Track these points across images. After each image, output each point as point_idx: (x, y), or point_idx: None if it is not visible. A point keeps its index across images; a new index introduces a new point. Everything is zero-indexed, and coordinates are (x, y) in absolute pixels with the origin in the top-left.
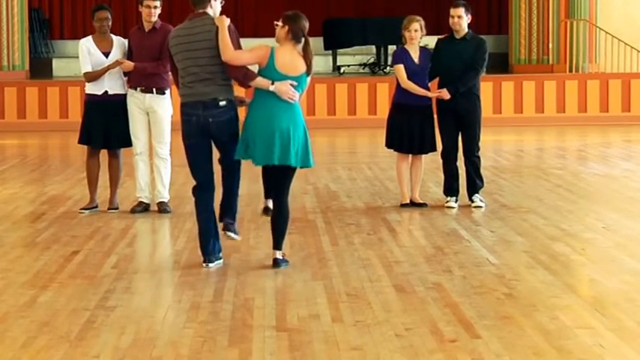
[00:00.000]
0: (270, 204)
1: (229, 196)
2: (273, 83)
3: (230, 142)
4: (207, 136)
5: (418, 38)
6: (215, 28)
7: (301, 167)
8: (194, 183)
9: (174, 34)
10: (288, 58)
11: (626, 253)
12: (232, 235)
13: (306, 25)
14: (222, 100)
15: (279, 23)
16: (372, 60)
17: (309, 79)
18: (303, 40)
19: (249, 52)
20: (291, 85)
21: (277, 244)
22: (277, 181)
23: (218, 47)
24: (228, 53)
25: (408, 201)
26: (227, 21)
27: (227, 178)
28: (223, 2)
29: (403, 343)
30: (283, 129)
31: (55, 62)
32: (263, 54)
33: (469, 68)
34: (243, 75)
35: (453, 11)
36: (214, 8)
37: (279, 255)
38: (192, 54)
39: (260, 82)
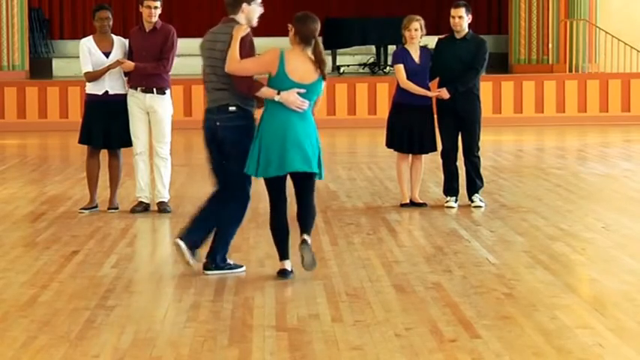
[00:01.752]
0: (288, 266)
1: (218, 230)
2: (279, 93)
3: (232, 155)
4: (217, 144)
5: (418, 38)
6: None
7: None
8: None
9: (204, 37)
10: (299, 63)
11: (626, 253)
12: (215, 272)
13: (316, 26)
14: (232, 106)
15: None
16: (371, 60)
17: (324, 85)
18: (313, 42)
19: (255, 60)
20: (300, 93)
21: (306, 229)
22: (299, 191)
23: None
24: (232, 65)
25: (407, 201)
26: (244, 31)
27: (219, 203)
28: (262, 7)
29: (403, 343)
30: (297, 137)
31: (55, 62)
32: (270, 60)
33: (469, 68)
34: (247, 87)
35: (453, 11)
36: (247, 13)
37: (307, 238)
38: (212, 61)
39: (265, 92)
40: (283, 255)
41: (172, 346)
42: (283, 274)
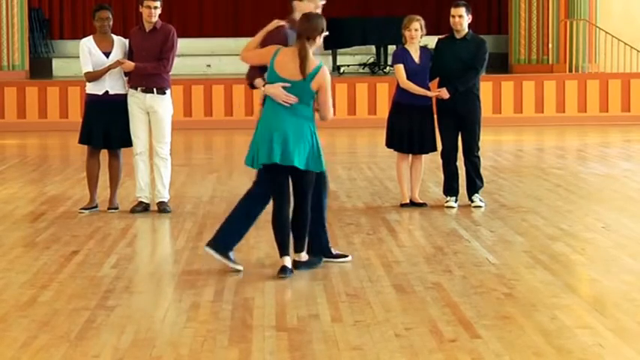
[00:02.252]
0: (287, 262)
1: (228, 215)
2: (264, 85)
3: None
4: None
5: (418, 38)
6: None
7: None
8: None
9: None
10: (289, 59)
11: (626, 253)
12: (213, 253)
13: (307, 25)
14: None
15: None
16: (371, 60)
17: (314, 84)
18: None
19: (258, 51)
20: (285, 87)
21: (296, 247)
22: (293, 188)
23: None
24: (242, 52)
25: (407, 201)
26: (273, 25)
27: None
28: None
29: (403, 343)
30: (283, 129)
31: (55, 62)
32: (266, 53)
33: (469, 68)
34: (249, 76)
35: (453, 11)
36: (301, 10)
37: (296, 257)
38: None
39: (257, 83)
40: (283, 251)
41: (172, 346)
42: (283, 270)
